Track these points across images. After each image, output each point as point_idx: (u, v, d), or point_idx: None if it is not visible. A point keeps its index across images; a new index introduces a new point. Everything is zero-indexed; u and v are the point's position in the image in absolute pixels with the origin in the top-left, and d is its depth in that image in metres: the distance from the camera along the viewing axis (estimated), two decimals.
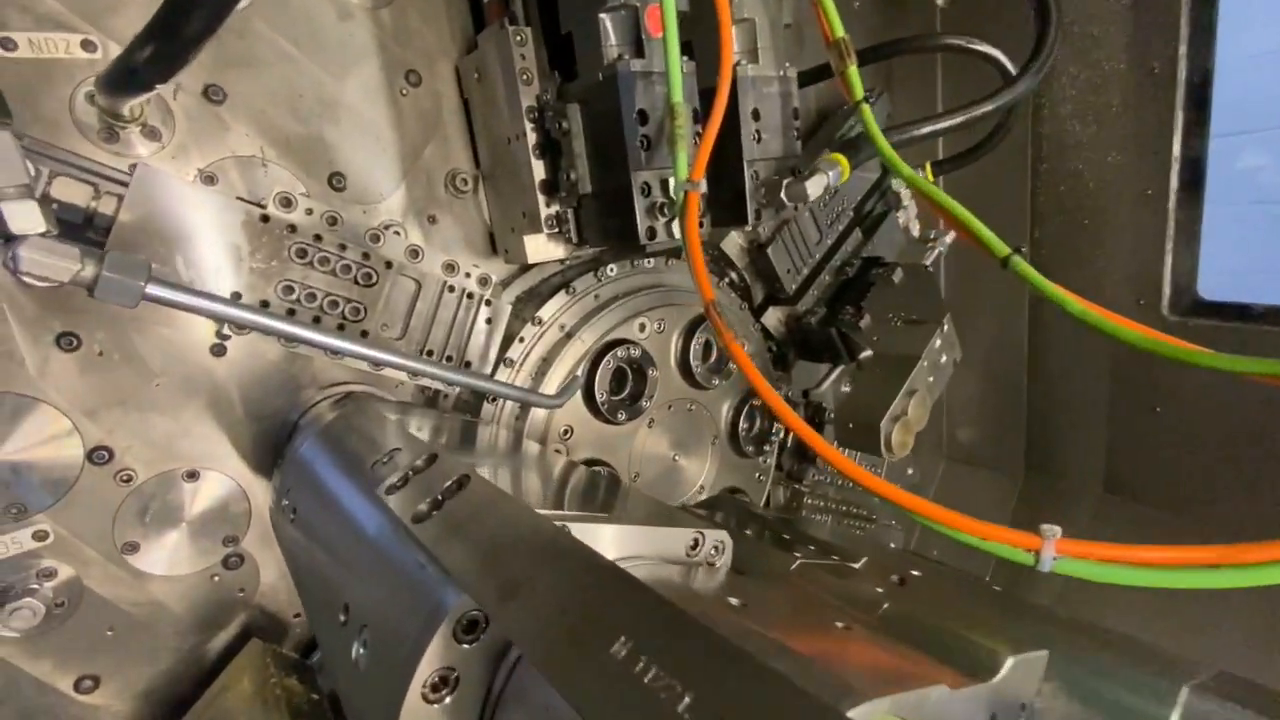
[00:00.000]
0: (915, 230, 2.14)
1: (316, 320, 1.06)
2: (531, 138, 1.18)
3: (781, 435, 1.88)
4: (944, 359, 1.50)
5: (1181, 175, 2.10)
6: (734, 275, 1.75)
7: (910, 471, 2.24)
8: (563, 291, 1.38)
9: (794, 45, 1.90)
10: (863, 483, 0.81)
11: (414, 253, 1.18)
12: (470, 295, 1.25)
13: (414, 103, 1.28)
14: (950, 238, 2.12)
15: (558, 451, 1.32)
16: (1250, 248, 3.29)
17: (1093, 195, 2.29)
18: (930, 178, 1.99)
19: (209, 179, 1.11)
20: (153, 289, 0.69)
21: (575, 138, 1.10)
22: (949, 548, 0.80)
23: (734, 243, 1.72)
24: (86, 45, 1.00)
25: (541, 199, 1.21)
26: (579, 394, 1.33)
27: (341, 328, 1.09)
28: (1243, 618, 1.89)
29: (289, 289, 1.04)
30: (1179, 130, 2.07)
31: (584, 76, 1.09)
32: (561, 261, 1.39)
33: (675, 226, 1.06)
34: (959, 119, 1.23)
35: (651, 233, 1.05)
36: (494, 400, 1.28)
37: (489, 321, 1.22)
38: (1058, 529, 0.71)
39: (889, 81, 2.28)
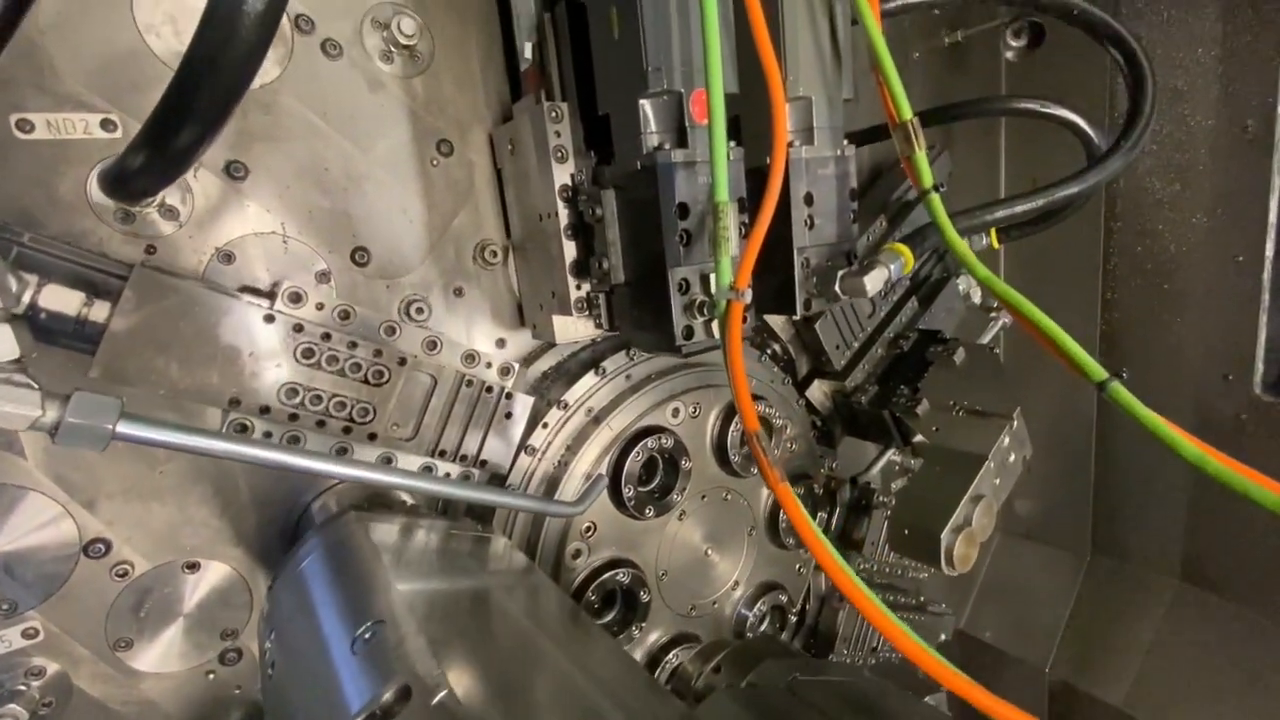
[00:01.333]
0: (977, 297, 1.98)
1: (321, 424, 0.99)
2: (564, 218, 1.09)
3: (826, 520, 1.74)
4: (1012, 458, 1.35)
5: (1277, 242, 1.90)
6: (777, 347, 1.63)
7: None
8: (591, 372, 1.28)
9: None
10: (918, 663, 0.69)
11: (431, 345, 1.10)
12: (490, 389, 1.16)
13: (445, 172, 1.22)
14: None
15: (578, 553, 1.21)
16: None
17: (1174, 259, 2.10)
18: (995, 244, 1.85)
19: (226, 257, 1.05)
20: (124, 428, 0.62)
21: (609, 225, 1.01)
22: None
23: (778, 317, 1.60)
24: (106, 125, 0.96)
25: (572, 281, 1.12)
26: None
27: (348, 430, 1.01)
28: None
29: (293, 392, 0.97)
30: (1276, 194, 1.88)
31: (621, 162, 1.00)
32: (593, 340, 1.30)
33: (715, 326, 0.95)
34: (1040, 201, 1.10)
35: (689, 332, 0.95)
36: None
37: (509, 416, 1.13)
38: None
39: (948, 135, 2.14)
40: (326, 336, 0.98)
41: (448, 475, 1.09)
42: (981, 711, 0.68)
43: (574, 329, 1.17)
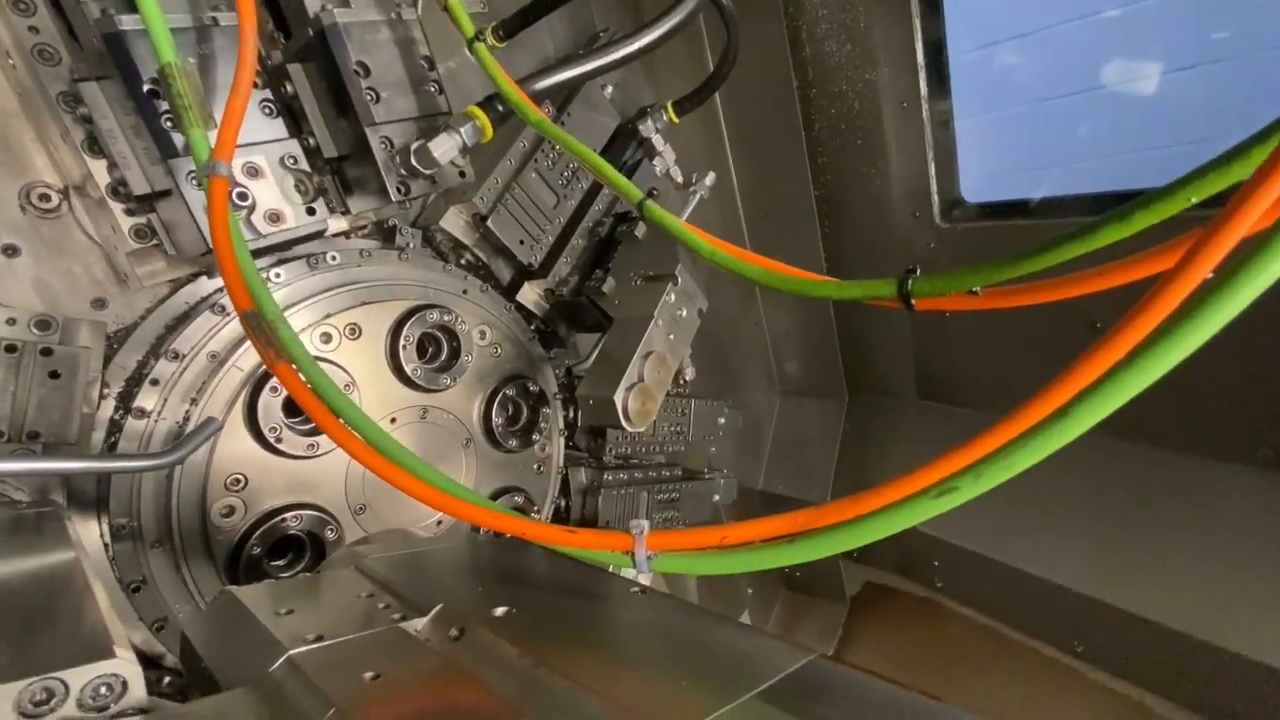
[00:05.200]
0: (679, 177, 2.03)
1: None
2: (76, 132, 0.92)
3: (570, 415, 1.75)
4: (683, 313, 1.40)
5: (928, 83, 2.10)
6: (468, 256, 1.57)
7: (722, 420, 2.19)
8: (209, 311, 1.13)
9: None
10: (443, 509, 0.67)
11: None
12: (48, 352, 0.97)
13: None
14: (711, 180, 2.03)
15: (230, 510, 1.10)
16: (1020, 149, 3.50)
17: (860, 115, 2.27)
18: (674, 119, 1.88)
19: None
20: None
21: (101, 122, 0.85)
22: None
23: (457, 220, 1.52)
24: None
25: (116, 207, 0.96)
26: (246, 432, 1.11)
27: None
28: None
29: None
30: (919, 37, 2.06)
31: (298, 34, 0.85)
32: (193, 276, 1.14)
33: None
34: (607, 59, 1.08)
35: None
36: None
37: (55, 376, 0.96)
38: (645, 524, 0.60)
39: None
40: None
41: None
42: (525, 535, 0.69)
43: (155, 268, 1.02)
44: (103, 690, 0.43)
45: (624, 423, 1.24)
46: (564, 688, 0.48)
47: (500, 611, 0.60)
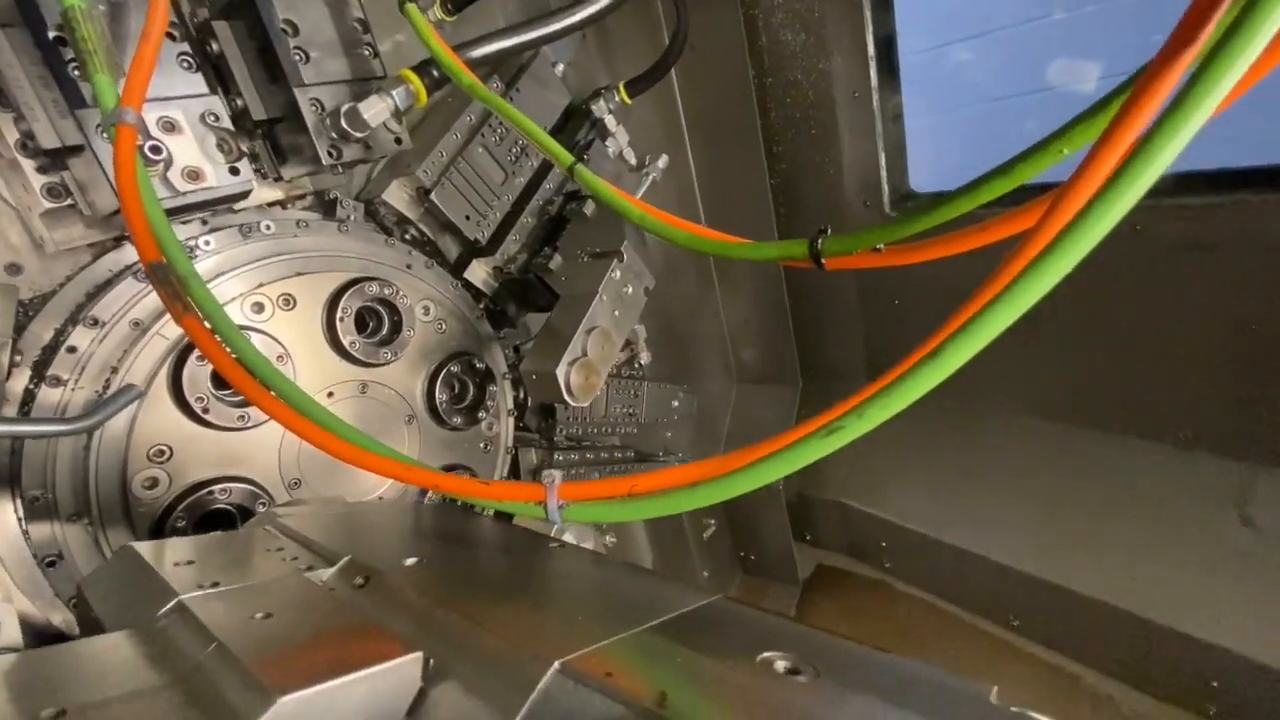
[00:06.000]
0: (632, 158, 2.04)
1: None
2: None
3: (520, 395, 1.74)
4: (629, 290, 1.41)
5: (879, 75, 2.14)
6: (413, 231, 1.54)
7: (675, 404, 2.20)
8: (132, 277, 1.10)
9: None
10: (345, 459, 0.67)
11: None
12: None
13: None
14: (664, 163, 2.05)
15: (152, 482, 1.06)
16: (973, 146, 3.61)
17: (814, 104, 2.30)
18: (627, 100, 1.88)
19: None
20: None
21: (6, 70, 0.82)
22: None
23: (400, 193, 1.50)
24: None
25: (27, 164, 0.92)
26: (171, 402, 1.08)
27: None
28: None
29: None
30: (870, 30, 2.09)
31: None
32: (117, 240, 1.10)
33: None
34: (549, 29, 1.08)
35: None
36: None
37: None
38: (557, 474, 0.60)
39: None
40: None
41: None
42: (437, 488, 0.69)
43: (71, 231, 0.98)
44: None
45: (566, 397, 1.25)
46: (460, 626, 0.48)
47: (410, 562, 0.60)
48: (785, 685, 0.41)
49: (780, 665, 0.43)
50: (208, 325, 0.67)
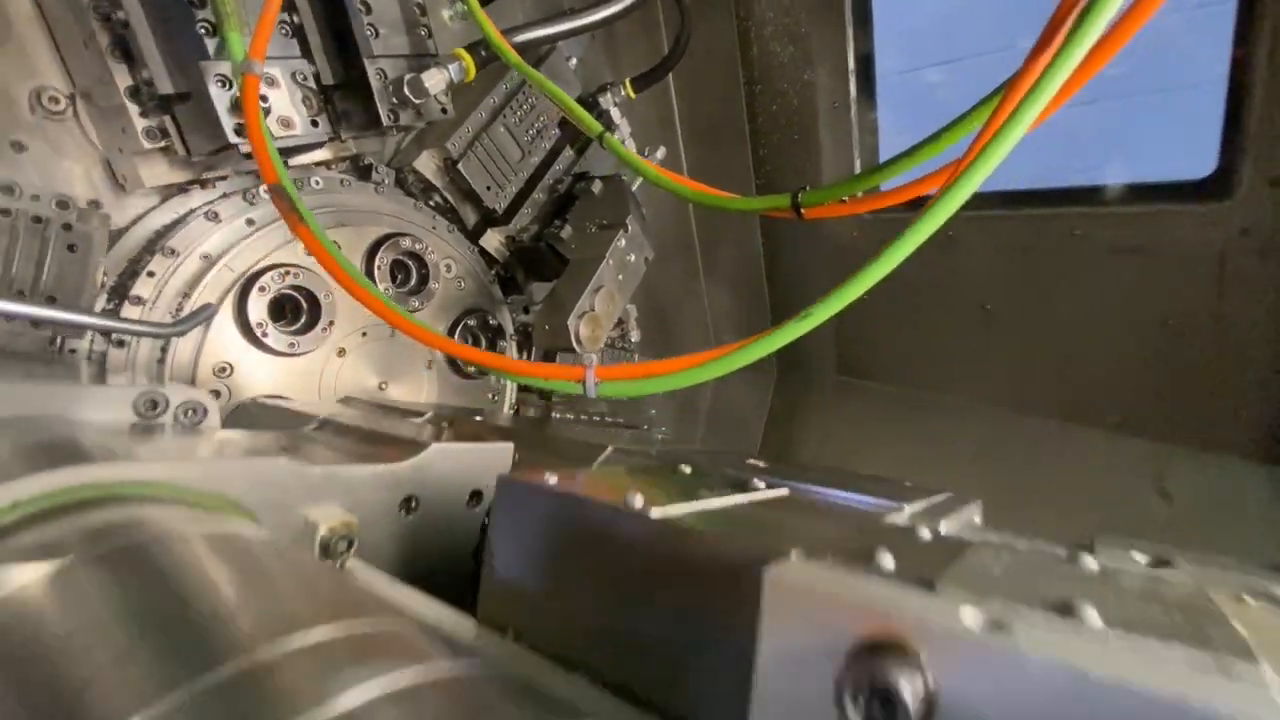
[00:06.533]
0: (633, 148, 2.23)
1: None
2: (103, 37, 1.03)
3: (526, 356, 1.91)
4: (632, 258, 1.60)
5: (857, 88, 2.37)
6: (437, 198, 1.72)
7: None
8: (202, 217, 1.25)
9: None
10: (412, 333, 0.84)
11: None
12: (69, 227, 1.08)
13: None
14: (661, 154, 2.24)
15: (215, 395, 1.22)
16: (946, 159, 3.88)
17: (798, 112, 2.52)
18: (632, 94, 2.08)
19: None
20: None
21: (138, 28, 0.98)
22: None
23: (429, 163, 1.67)
24: None
25: (133, 109, 1.07)
26: (235, 326, 1.23)
27: None
28: None
29: None
30: (850, 43, 2.32)
31: None
32: (202, 184, 1.26)
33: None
34: (584, 21, 1.27)
35: (240, 129, 0.97)
36: (123, 345, 1.15)
37: (72, 249, 1.07)
38: (594, 357, 0.79)
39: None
40: None
41: None
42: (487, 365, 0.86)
43: (164, 173, 1.13)
44: (191, 411, 0.57)
45: (575, 345, 1.42)
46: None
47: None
48: None
49: None
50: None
